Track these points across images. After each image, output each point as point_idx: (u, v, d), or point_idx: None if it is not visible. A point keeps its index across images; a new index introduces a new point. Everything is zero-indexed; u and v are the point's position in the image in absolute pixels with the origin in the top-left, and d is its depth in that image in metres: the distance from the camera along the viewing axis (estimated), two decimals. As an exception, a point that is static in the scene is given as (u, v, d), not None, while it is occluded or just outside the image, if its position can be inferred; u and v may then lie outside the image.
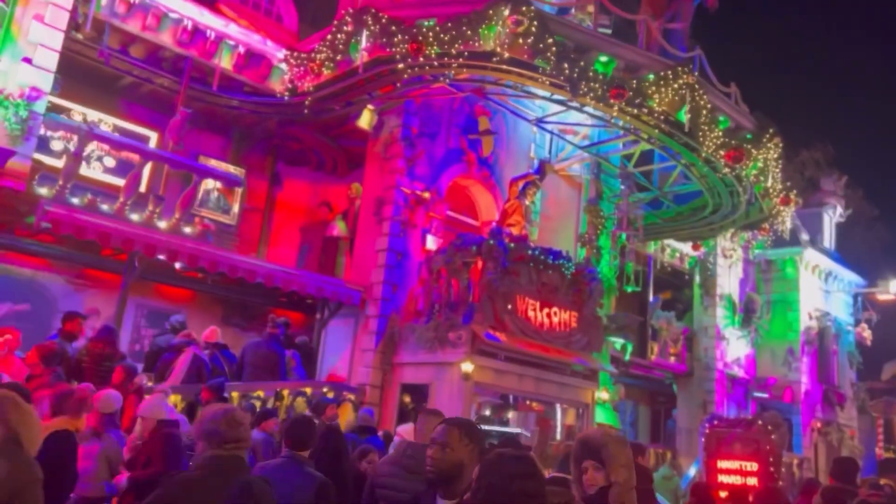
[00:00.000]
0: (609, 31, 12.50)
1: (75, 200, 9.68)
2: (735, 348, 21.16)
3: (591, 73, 10.20)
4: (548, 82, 10.25)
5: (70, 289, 12.94)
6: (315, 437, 4.71)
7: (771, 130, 12.62)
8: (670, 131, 11.16)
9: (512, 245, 11.55)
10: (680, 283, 21.56)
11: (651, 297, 20.33)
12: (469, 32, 9.83)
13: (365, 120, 13.26)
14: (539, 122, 13.37)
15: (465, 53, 9.90)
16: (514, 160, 14.68)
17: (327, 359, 13.12)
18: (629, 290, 14.87)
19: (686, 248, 20.46)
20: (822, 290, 23.54)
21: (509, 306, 11.54)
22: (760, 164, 13.08)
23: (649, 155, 15.83)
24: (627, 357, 14.92)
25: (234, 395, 10.46)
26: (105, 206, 9.98)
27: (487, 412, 12.85)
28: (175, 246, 10.14)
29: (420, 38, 9.79)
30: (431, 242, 13.03)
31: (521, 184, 12.91)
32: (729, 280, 21.54)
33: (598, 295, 13.04)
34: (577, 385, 12.59)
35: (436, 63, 10.10)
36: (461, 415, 10.67)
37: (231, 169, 15.05)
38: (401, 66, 10.23)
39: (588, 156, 15.00)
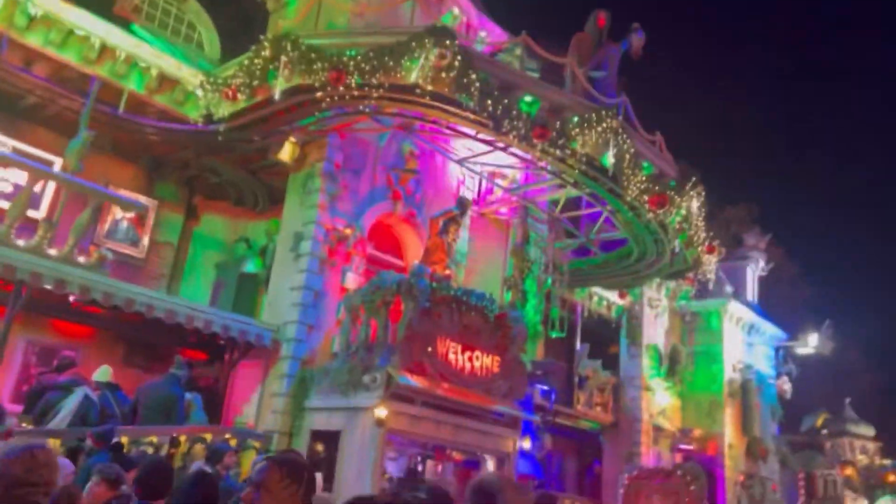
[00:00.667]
0: (537, 75, 12.46)
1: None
2: (660, 399, 21.11)
3: (514, 112, 10.04)
4: (471, 118, 10.02)
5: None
6: (171, 485, 4.08)
7: (693, 179, 12.72)
8: (594, 174, 11.08)
9: (434, 284, 11.12)
10: (607, 332, 21.50)
11: (578, 346, 20.17)
12: (391, 63, 9.54)
13: (286, 152, 12.78)
14: (464, 161, 13.13)
15: (387, 85, 9.59)
16: (441, 201, 14.36)
17: (235, 403, 12.28)
18: (554, 335, 14.60)
19: (613, 296, 20.48)
20: (746, 343, 23.87)
21: (429, 348, 11.03)
22: (684, 213, 13.14)
23: (577, 201, 15.82)
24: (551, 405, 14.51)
25: (124, 440, 9.55)
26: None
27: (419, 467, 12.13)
28: (64, 275, 9.31)
29: (341, 66, 9.45)
30: (351, 281, 12.50)
31: (441, 220, 12.59)
32: (655, 330, 21.63)
33: (521, 339, 12.67)
34: (499, 433, 12.07)
35: (356, 93, 9.76)
36: (373, 466, 10.10)
37: (141, 199, 14.29)
38: (319, 94, 9.84)
39: (516, 200, 14.83)
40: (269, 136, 11.90)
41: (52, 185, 11.85)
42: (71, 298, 10.57)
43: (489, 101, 9.80)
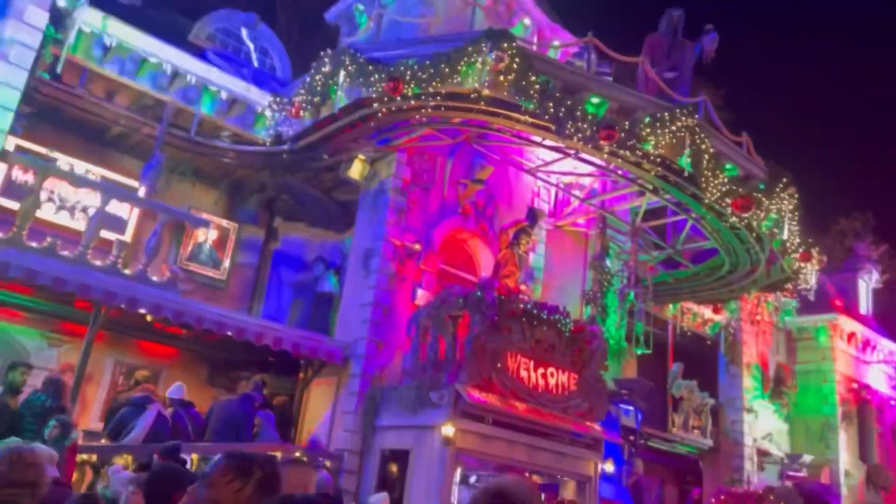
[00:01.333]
0: (610, 79, 11.95)
1: (33, 244, 9.21)
2: (765, 422, 19.66)
3: (578, 113, 9.56)
4: (529, 121, 9.63)
5: (44, 343, 12.35)
6: (180, 490, 3.88)
7: (784, 180, 11.76)
8: (667, 176, 10.40)
9: (501, 297, 10.71)
10: (703, 351, 20.28)
11: (671, 365, 19.11)
12: (448, 70, 9.32)
13: (356, 170, 12.79)
14: (536, 171, 12.71)
15: (443, 92, 9.37)
16: (515, 214, 13.92)
17: (309, 422, 12.22)
18: (639, 352, 13.82)
19: (709, 312, 19.34)
20: (860, 361, 21.96)
21: (499, 364, 10.61)
22: (775, 217, 12.18)
23: (661, 211, 15.05)
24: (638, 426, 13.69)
25: (194, 457, 9.63)
26: (65, 252, 9.48)
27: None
28: (136, 293, 9.54)
29: (397, 76, 9.31)
30: (422, 298, 12.27)
31: (511, 232, 12.20)
32: (756, 348, 20.24)
33: (601, 356, 12.02)
34: (578, 455, 11.45)
35: (413, 103, 9.59)
36: (441, 486, 9.73)
37: (223, 223, 14.67)
38: (376, 105, 9.73)
39: (593, 210, 14.24)
40: (337, 153, 11.92)
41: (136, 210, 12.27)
42: (148, 318, 10.91)
43: (550, 104, 9.39)
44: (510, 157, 13.12)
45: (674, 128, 10.12)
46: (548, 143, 10.81)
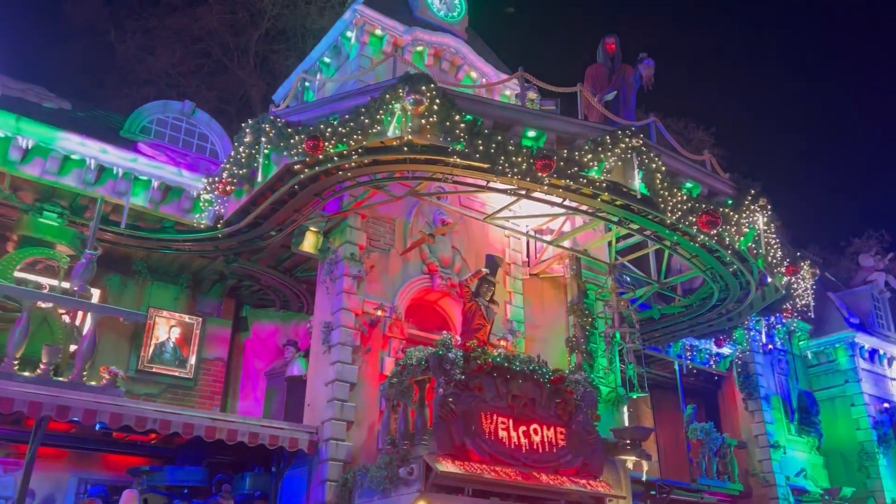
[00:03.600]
0: (549, 110, 11.54)
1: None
2: (796, 457, 18.30)
3: (511, 148, 9.02)
4: (461, 163, 9.09)
5: (-1, 470, 11.59)
6: None
7: (753, 192, 11.09)
8: (627, 204, 9.78)
9: (466, 353, 9.93)
10: (716, 389, 19.16)
11: (683, 408, 17.97)
12: (368, 122, 8.86)
13: (308, 243, 12.25)
14: (492, 218, 12.11)
15: (364, 145, 8.90)
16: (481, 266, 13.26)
17: (285, 518, 11.25)
18: (635, 396, 12.82)
19: (716, 347, 18.32)
20: (889, 378, 20.66)
21: (473, 427, 9.71)
22: (753, 232, 11.46)
23: (642, 246, 14.38)
24: (644, 477, 12.57)
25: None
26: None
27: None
28: (65, 401, 8.85)
29: (317, 135, 8.86)
30: (391, 367, 11.47)
31: (469, 282, 11.53)
32: (773, 378, 19.08)
33: (589, 405, 11.09)
34: (578, 518, 10.39)
35: (335, 159, 9.10)
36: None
37: (185, 318, 14.09)
38: (297, 167, 9.25)
39: (567, 253, 13.56)
40: (283, 227, 11.41)
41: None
42: (97, 427, 10.19)
43: (480, 142, 8.86)
44: (466, 206, 12.57)
45: (618, 150, 9.54)
46: (494, 185, 10.25)
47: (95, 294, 13.05)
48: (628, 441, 12.39)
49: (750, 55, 45.71)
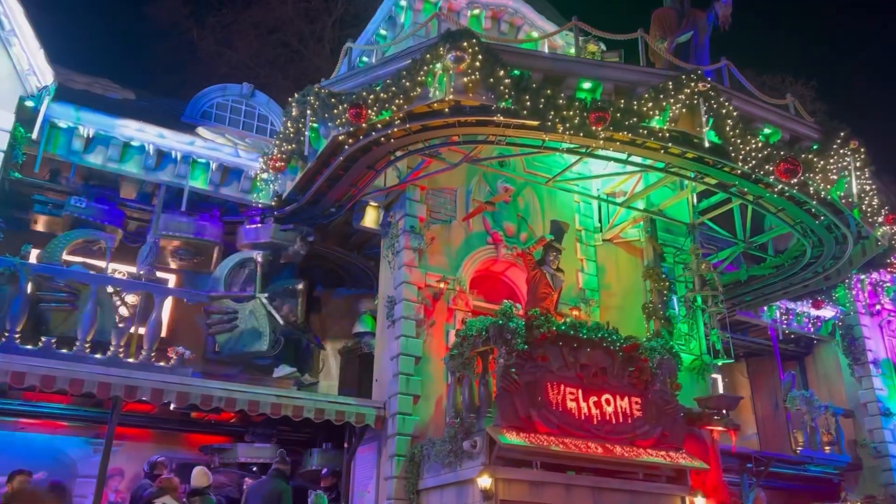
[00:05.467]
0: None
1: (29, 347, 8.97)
2: (912, 426, 16.82)
3: (560, 101, 8.44)
4: (506, 122, 8.57)
5: (89, 451, 12.09)
6: None
7: (842, 135, 10.04)
8: (688, 153, 9.02)
9: (528, 322, 9.50)
10: (818, 354, 17.84)
11: (782, 376, 16.85)
12: (409, 84, 8.51)
13: (370, 219, 12.14)
14: (555, 181, 11.54)
15: (407, 110, 8.55)
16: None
17: (359, 494, 11.22)
18: (720, 363, 11.99)
19: (816, 311, 17.03)
20: None
21: (539, 398, 9.32)
22: (847, 180, 10.42)
23: (726, 203, 13.41)
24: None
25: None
26: (64, 350, 9.18)
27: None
28: (137, 382, 9.06)
29: (359, 102, 8.59)
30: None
31: (532, 250, 11.05)
32: (883, 341, 17.58)
33: (667, 373, 10.45)
34: (658, 491, 9.79)
35: (379, 126, 8.80)
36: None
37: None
38: (341, 137, 9.01)
39: (643, 216, 12.82)
40: (341, 204, 11.25)
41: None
42: (171, 407, 10.44)
43: (527, 97, 8.34)
44: (530, 173, 12.05)
45: (682, 96, 8.79)
46: (552, 145, 9.68)
47: (172, 278, 13.44)
48: (714, 410, 11.63)
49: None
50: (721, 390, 12.09)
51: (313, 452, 11.68)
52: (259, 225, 12.23)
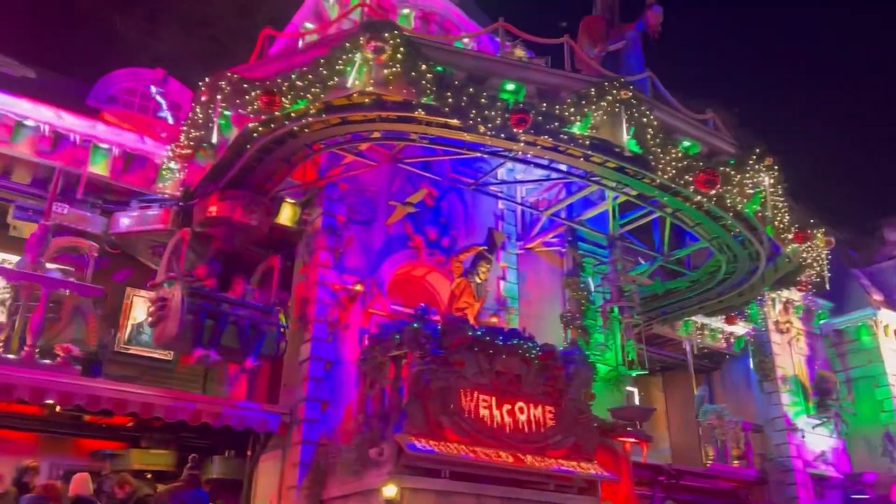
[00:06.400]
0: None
1: None
2: (815, 441, 17.34)
3: (483, 101, 8.25)
4: (430, 120, 8.32)
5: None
6: None
7: (758, 150, 10.20)
8: (609, 162, 8.97)
9: (445, 327, 9.22)
10: (729, 370, 18.23)
11: (695, 390, 17.09)
12: (326, 73, 8.16)
13: (285, 216, 11.61)
14: (479, 186, 11.35)
15: (324, 100, 8.18)
16: (476, 241, 12.50)
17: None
18: (634, 374, 12.01)
19: (729, 326, 17.39)
20: (916, 358, 19.53)
21: (451, 405, 9.03)
22: (759, 196, 10.58)
23: (645, 217, 13.51)
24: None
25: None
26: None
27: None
28: (14, 380, 8.30)
29: (272, 89, 8.17)
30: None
31: (462, 258, 10.82)
32: (791, 359, 18.09)
33: (581, 382, 10.36)
34: (569, 503, 9.65)
35: (293, 116, 8.39)
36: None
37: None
38: (251, 125, 8.55)
39: (562, 225, 12.76)
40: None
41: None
42: (57, 409, 9.65)
43: (449, 94, 8.11)
44: (453, 176, 11.83)
45: (604, 103, 8.73)
46: (475, 146, 9.47)
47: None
48: (627, 422, 11.61)
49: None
50: (637, 402, 12.12)
51: (214, 460, 11.04)
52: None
